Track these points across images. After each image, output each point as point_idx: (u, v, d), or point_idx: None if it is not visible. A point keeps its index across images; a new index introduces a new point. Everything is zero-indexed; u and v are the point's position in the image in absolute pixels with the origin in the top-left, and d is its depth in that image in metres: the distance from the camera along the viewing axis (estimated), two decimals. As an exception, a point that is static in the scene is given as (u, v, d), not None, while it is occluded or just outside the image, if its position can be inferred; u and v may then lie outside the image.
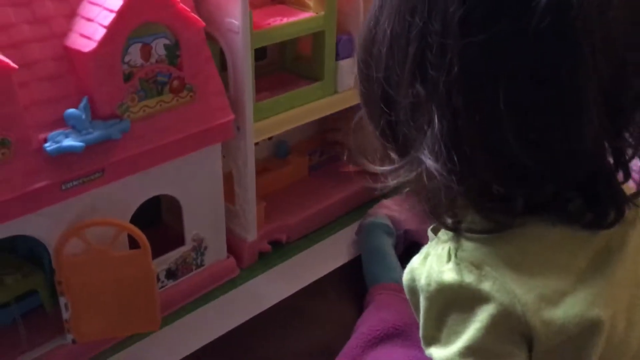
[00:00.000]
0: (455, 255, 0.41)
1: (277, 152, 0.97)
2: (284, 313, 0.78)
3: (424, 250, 0.46)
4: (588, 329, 0.38)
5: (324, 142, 1.02)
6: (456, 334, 0.41)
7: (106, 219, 0.64)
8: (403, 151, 0.43)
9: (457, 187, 0.39)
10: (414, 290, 0.46)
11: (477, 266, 0.40)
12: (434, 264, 0.43)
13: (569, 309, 0.38)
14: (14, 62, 0.54)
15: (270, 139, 0.96)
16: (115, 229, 0.64)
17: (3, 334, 0.68)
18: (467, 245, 0.42)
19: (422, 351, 0.67)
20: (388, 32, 0.41)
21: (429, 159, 0.39)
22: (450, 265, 0.41)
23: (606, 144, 0.39)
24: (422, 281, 0.43)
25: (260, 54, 0.88)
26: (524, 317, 0.38)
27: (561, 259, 0.40)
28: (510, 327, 0.39)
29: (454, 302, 0.41)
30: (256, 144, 0.93)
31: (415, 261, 0.46)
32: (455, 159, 0.38)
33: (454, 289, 0.40)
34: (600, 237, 0.41)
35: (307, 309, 0.78)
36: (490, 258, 0.40)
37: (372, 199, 0.93)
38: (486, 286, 0.39)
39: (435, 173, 0.39)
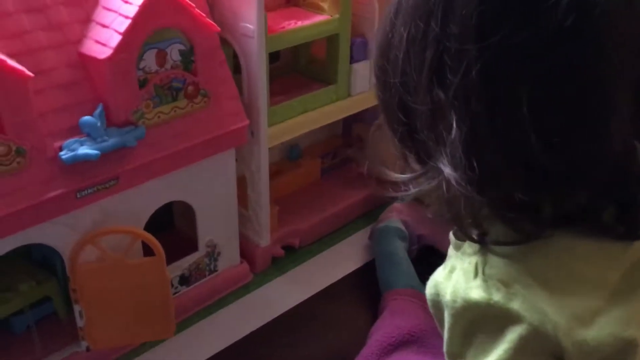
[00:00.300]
0: (483, 272, 0.40)
1: (289, 155, 0.96)
2: (298, 318, 0.77)
3: (448, 264, 0.45)
4: (622, 350, 0.37)
5: (337, 145, 1.01)
6: (484, 353, 0.40)
7: (121, 227, 0.64)
8: (422, 159, 0.42)
9: (478, 197, 0.37)
10: (438, 305, 0.45)
11: (505, 284, 0.39)
12: (460, 279, 0.42)
13: (603, 329, 0.37)
14: (29, 69, 0.53)
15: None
16: (130, 237, 0.64)
17: (17, 341, 0.68)
18: (495, 260, 0.40)
19: (437, 357, 0.66)
20: (404, 36, 0.40)
21: (448, 167, 0.38)
22: (478, 282, 0.40)
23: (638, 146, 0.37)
24: (447, 297, 0.42)
25: (273, 56, 0.87)
26: (555, 338, 0.37)
27: (593, 274, 0.39)
28: (541, 348, 0.38)
29: (481, 320, 0.40)
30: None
31: (440, 275, 0.45)
32: (476, 166, 0.37)
33: (482, 307, 0.39)
34: (634, 250, 0.40)
35: (321, 314, 0.78)
36: (519, 274, 0.39)
37: (385, 202, 0.92)
38: (515, 305, 0.38)
39: (454, 183, 0.38)
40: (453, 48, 0.36)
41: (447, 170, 0.38)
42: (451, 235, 0.47)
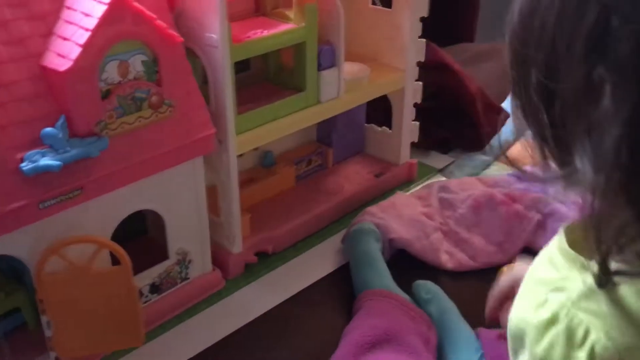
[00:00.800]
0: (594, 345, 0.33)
1: (262, 162, 0.97)
2: (271, 323, 0.78)
3: (540, 293, 0.38)
4: None
5: (311, 151, 1.02)
6: None
7: (85, 236, 0.64)
8: (562, 158, 0.36)
9: (627, 210, 0.31)
10: (521, 339, 0.39)
11: None
12: (560, 341, 0.35)
13: None
14: (-12, 83, 0.54)
15: (255, 149, 0.97)
16: (96, 246, 0.65)
17: (-14, 352, 0.68)
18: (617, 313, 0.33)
19: (413, 357, 0.67)
20: None
21: (590, 170, 0.32)
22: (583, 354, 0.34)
23: None
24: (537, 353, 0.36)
25: (243, 65, 0.88)
26: None
27: None
28: None
29: None
30: (240, 155, 0.94)
31: (529, 312, 0.38)
32: (630, 166, 0.30)
33: None
34: None
35: (294, 318, 0.79)
36: None
37: (359, 208, 0.93)
38: None
39: (598, 191, 0.32)
40: (626, 7, 0.30)
41: (589, 173, 0.33)
42: (562, 229, 0.41)
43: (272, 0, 0.84)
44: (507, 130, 1.22)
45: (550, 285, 0.40)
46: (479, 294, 0.84)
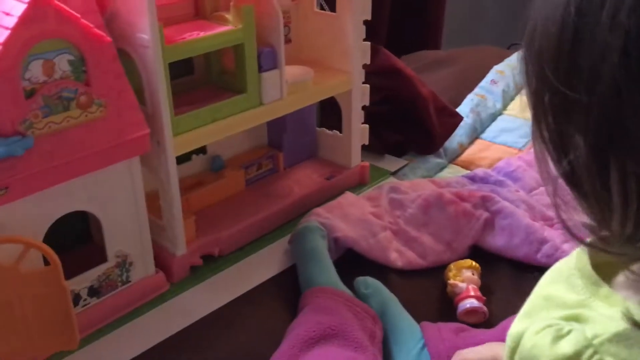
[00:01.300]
0: None
1: (211, 166, 0.98)
2: (215, 324, 0.78)
3: (561, 324, 0.36)
4: None
5: (261, 155, 1.02)
6: None
7: (10, 236, 0.64)
8: (594, 205, 0.33)
9: None
10: None
11: None
12: None
13: None
14: None
15: (204, 153, 0.97)
16: (22, 246, 0.64)
17: None
18: None
19: (359, 352, 0.67)
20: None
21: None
22: None
23: None
24: None
25: (186, 69, 0.89)
26: None
27: None
28: None
29: None
30: (188, 159, 0.94)
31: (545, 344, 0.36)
32: None
33: None
34: None
35: (238, 319, 0.78)
36: None
37: (308, 210, 0.93)
38: None
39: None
40: None
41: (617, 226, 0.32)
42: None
43: (212, 4, 0.85)
44: (461, 133, 1.23)
45: (567, 309, 0.37)
46: (427, 291, 0.84)
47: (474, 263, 0.83)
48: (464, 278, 0.80)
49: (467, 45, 1.58)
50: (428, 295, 0.84)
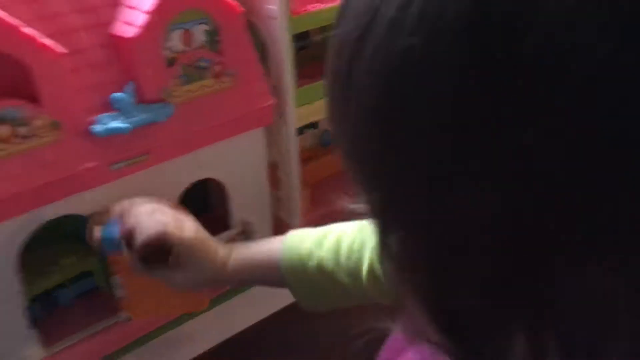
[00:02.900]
0: None
1: (322, 140, 0.98)
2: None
3: None
4: None
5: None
6: None
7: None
8: None
9: None
10: None
11: None
12: None
13: None
14: (64, 48, 0.57)
15: (315, 127, 0.98)
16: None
17: (62, 313, 0.72)
18: None
19: None
20: None
21: None
22: None
23: None
24: None
25: (304, 43, 0.90)
26: None
27: None
28: None
29: None
30: (301, 132, 0.95)
31: None
32: None
33: None
34: None
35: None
36: None
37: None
38: None
39: None
40: None
41: None
42: None
43: (330, -24, 0.85)
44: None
45: None
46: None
47: None
48: None
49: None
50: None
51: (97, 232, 0.61)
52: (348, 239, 0.58)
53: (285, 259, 0.59)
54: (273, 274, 0.60)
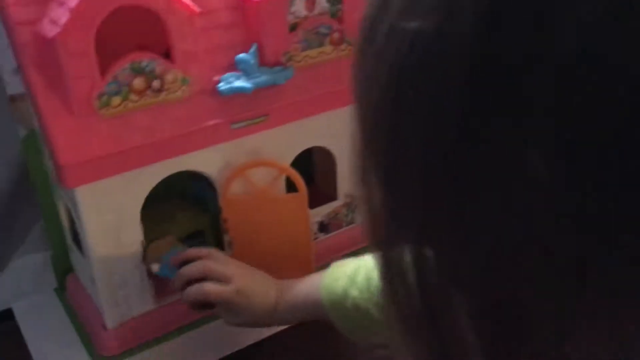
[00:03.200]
0: None
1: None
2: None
3: None
4: None
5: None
6: None
7: (270, 161, 0.68)
8: None
9: None
10: None
11: None
12: None
13: None
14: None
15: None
16: (276, 171, 0.68)
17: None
18: None
19: None
20: None
21: None
22: None
23: None
24: None
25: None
26: None
27: None
28: None
29: None
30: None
31: None
32: None
33: None
34: None
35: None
36: None
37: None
38: None
39: None
40: None
41: None
42: None
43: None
44: None
45: None
46: None
47: None
48: None
49: None
50: None
51: (155, 268, 0.65)
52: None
53: (325, 299, 0.60)
54: (319, 312, 0.61)
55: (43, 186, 0.71)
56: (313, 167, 0.86)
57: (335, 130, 0.74)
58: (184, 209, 0.75)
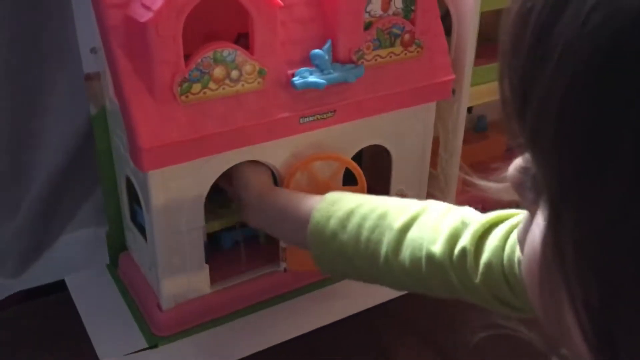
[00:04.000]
0: None
1: (476, 125, 0.97)
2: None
3: None
4: None
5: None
6: None
7: (334, 154, 0.69)
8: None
9: None
10: None
11: None
12: None
13: None
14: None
15: (470, 112, 0.97)
16: (337, 164, 0.69)
17: (224, 255, 0.75)
18: None
19: None
20: None
21: None
22: None
23: None
24: None
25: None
26: None
27: None
28: None
29: None
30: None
31: None
32: None
33: None
34: None
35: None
36: None
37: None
38: None
39: None
40: None
41: None
42: None
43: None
44: None
45: None
46: None
47: None
48: None
49: None
50: None
51: None
52: (369, 224, 0.57)
53: (311, 232, 0.59)
54: (294, 230, 0.62)
55: (106, 164, 0.73)
56: (360, 163, 0.86)
57: (395, 129, 0.74)
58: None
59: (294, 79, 0.63)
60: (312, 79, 0.63)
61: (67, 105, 0.74)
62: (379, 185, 0.79)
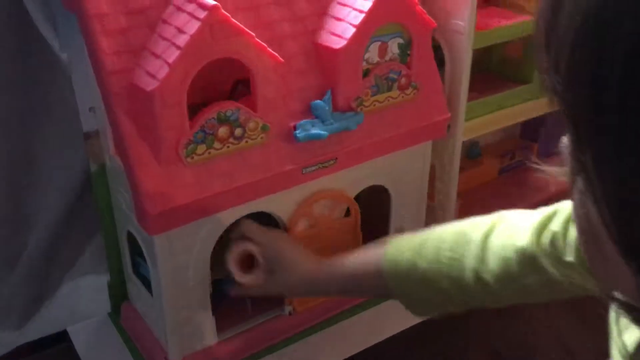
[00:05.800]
0: None
1: (468, 152, 0.99)
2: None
3: None
4: None
5: (515, 146, 1.01)
6: None
7: (338, 193, 0.71)
8: None
9: None
10: None
11: None
12: None
13: None
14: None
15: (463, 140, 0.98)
16: (335, 201, 0.70)
17: (231, 301, 0.75)
18: None
19: None
20: None
21: None
22: None
23: None
24: None
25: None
26: None
27: None
28: None
29: None
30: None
31: None
32: None
33: None
34: None
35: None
36: None
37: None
38: None
39: None
40: None
41: None
42: None
43: (504, -9, 0.85)
44: None
45: None
46: None
47: None
48: None
49: None
50: None
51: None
52: (447, 245, 0.57)
53: (388, 271, 0.58)
54: (372, 284, 0.60)
55: (108, 218, 0.72)
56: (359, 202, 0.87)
57: (393, 169, 0.75)
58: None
59: (297, 132, 0.63)
60: (314, 130, 0.63)
61: (66, 157, 0.74)
62: (376, 221, 0.80)
